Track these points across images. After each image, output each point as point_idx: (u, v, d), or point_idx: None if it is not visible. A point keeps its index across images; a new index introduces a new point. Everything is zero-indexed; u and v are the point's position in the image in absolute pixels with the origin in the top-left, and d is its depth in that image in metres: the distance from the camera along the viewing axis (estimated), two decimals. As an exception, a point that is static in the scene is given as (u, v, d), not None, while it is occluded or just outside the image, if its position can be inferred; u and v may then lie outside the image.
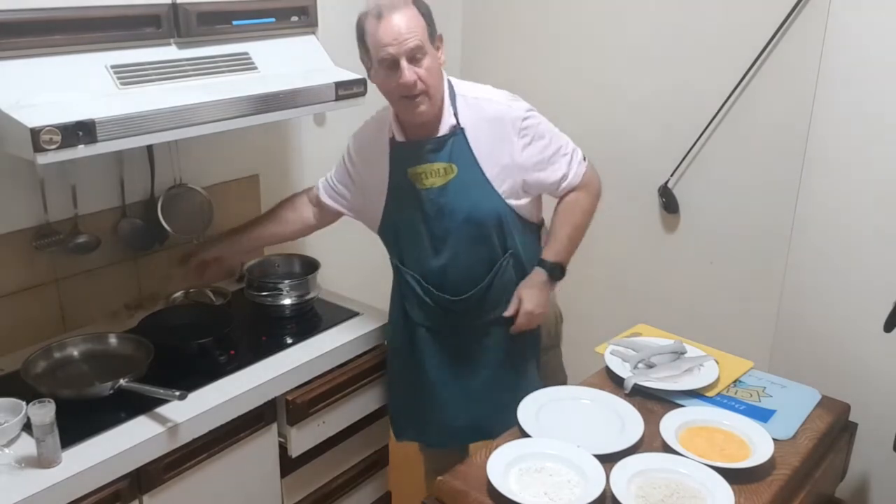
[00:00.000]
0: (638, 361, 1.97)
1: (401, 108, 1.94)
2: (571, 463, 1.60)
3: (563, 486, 1.55)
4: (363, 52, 1.91)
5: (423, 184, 1.97)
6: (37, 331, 2.10)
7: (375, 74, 1.91)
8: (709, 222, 2.72)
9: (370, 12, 1.84)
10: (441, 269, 2.03)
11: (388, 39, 1.81)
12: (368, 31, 1.85)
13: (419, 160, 1.96)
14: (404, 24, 1.81)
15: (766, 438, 1.69)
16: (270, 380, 1.98)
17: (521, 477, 1.57)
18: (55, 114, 1.62)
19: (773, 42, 2.43)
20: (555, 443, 1.66)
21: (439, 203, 1.97)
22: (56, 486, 1.59)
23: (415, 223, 2.01)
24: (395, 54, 1.82)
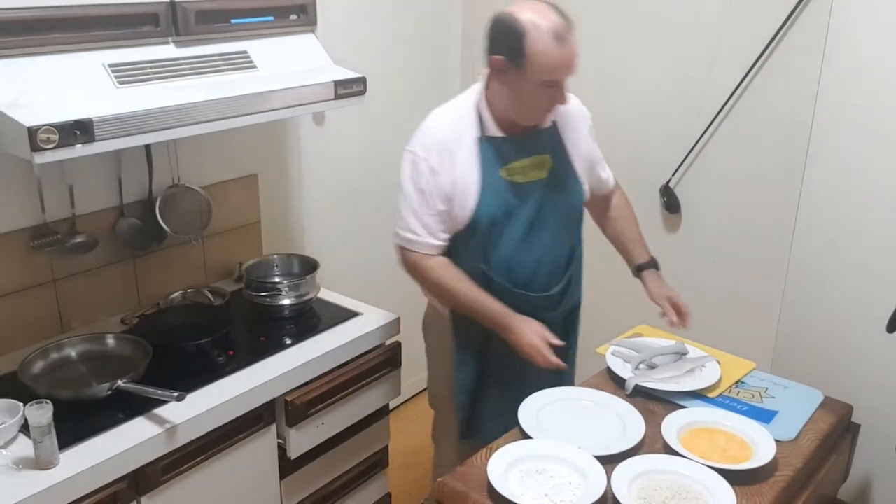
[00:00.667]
0: (639, 362, 1.97)
1: (532, 116, 1.92)
2: (572, 464, 1.59)
3: (564, 487, 1.54)
4: (512, 59, 1.80)
5: (524, 177, 1.94)
6: (34, 331, 2.09)
7: (522, 84, 1.82)
8: (710, 222, 2.72)
9: (543, 29, 1.76)
10: (533, 264, 1.99)
11: (564, 64, 1.80)
12: (541, 49, 1.76)
13: (519, 154, 1.94)
14: (576, 48, 1.82)
15: (769, 439, 1.68)
16: (269, 381, 1.97)
17: (522, 479, 1.57)
18: (52, 113, 1.62)
19: (774, 41, 2.43)
20: (556, 444, 1.65)
21: (541, 196, 1.96)
22: (54, 488, 1.58)
23: (511, 218, 1.94)
24: (563, 79, 1.83)
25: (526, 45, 1.77)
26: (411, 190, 1.92)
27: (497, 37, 1.83)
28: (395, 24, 2.96)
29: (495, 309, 1.92)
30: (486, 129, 1.92)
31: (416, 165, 1.92)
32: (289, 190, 2.70)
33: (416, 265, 1.97)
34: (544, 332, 1.90)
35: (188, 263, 2.42)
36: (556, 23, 1.78)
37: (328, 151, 2.82)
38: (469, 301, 1.94)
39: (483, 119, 1.93)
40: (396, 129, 3.08)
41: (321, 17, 2.26)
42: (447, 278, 1.95)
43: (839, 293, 2.35)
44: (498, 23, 1.82)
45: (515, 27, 1.78)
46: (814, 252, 2.41)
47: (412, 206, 1.93)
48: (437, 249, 1.96)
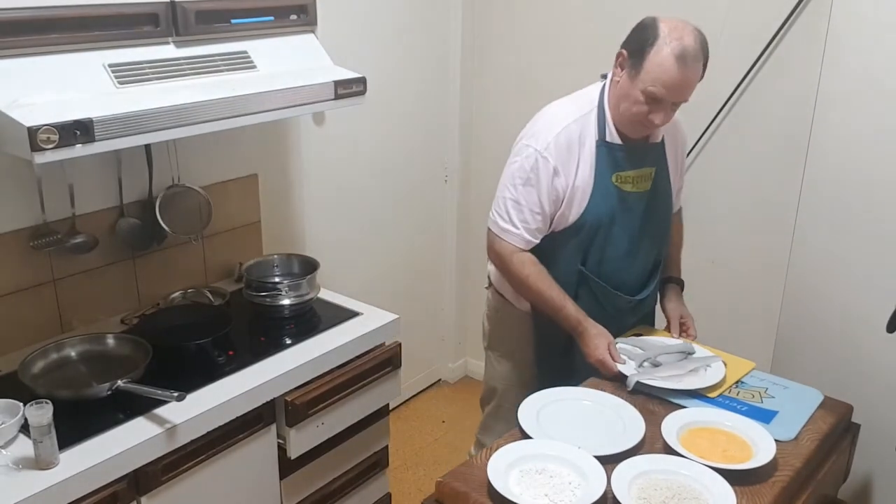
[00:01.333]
0: (643, 360, 1.96)
1: (629, 126, 1.92)
2: (572, 464, 1.59)
3: (565, 487, 1.54)
4: (633, 57, 1.84)
5: (632, 186, 1.98)
6: (34, 331, 2.09)
7: (630, 85, 1.85)
8: (710, 222, 2.72)
9: (672, 43, 1.78)
10: (629, 269, 2.06)
11: (675, 86, 1.80)
12: (661, 61, 1.78)
13: (632, 164, 1.97)
14: (693, 80, 1.81)
15: (768, 440, 1.68)
16: (269, 381, 1.97)
17: (522, 478, 1.56)
18: (53, 113, 1.62)
19: (775, 41, 2.43)
20: (556, 444, 1.65)
21: (644, 206, 2.01)
22: (53, 488, 1.58)
23: (615, 224, 1.99)
24: (668, 98, 1.82)
25: (650, 48, 1.79)
26: (520, 182, 1.94)
27: (633, 34, 1.87)
28: (395, 24, 2.96)
29: (572, 313, 1.97)
30: (606, 133, 1.94)
31: (535, 162, 1.92)
32: (289, 190, 2.70)
33: (504, 256, 2.00)
34: (612, 347, 1.94)
35: (188, 263, 2.42)
36: (689, 45, 1.77)
37: (328, 151, 2.82)
38: (550, 300, 1.98)
39: (606, 121, 1.94)
40: (396, 129, 3.10)
41: (321, 17, 2.26)
42: (533, 275, 1.97)
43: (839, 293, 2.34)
44: (641, 24, 1.86)
45: (651, 30, 1.81)
46: (814, 252, 2.41)
47: (516, 199, 1.95)
48: (529, 245, 1.98)
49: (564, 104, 2.00)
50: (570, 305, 1.98)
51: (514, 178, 1.95)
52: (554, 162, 1.91)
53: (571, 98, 2.02)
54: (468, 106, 3.33)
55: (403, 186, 3.20)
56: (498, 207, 2.00)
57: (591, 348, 1.95)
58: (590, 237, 1.99)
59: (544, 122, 1.97)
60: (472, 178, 3.43)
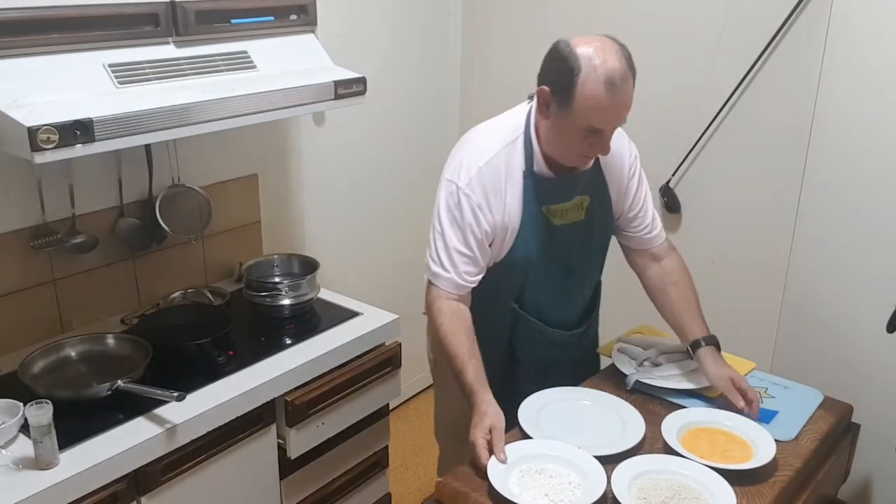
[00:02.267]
0: (644, 359, 1.97)
1: (571, 159, 1.76)
2: (572, 464, 1.59)
3: (564, 487, 1.54)
4: (559, 94, 1.65)
5: (563, 219, 1.84)
6: (34, 331, 2.09)
7: (564, 123, 1.67)
8: (710, 222, 2.72)
9: (597, 71, 1.59)
10: (566, 304, 1.94)
11: (611, 114, 1.64)
12: (589, 92, 1.60)
13: (562, 197, 1.82)
14: (628, 101, 1.64)
15: (769, 440, 1.68)
16: (269, 381, 1.97)
17: (522, 479, 1.57)
18: (53, 113, 1.62)
19: (775, 40, 2.43)
20: (556, 444, 1.65)
21: (578, 238, 1.87)
22: (54, 488, 1.58)
23: (548, 258, 1.85)
24: (608, 128, 1.67)
25: (576, 83, 1.61)
26: (447, 222, 1.77)
27: (549, 66, 1.68)
28: (395, 24, 2.96)
29: (468, 380, 1.74)
30: (533, 163, 1.77)
31: (458, 200, 1.75)
32: (289, 190, 2.70)
33: (432, 303, 1.81)
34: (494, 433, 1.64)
35: (188, 263, 2.42)
36: (614, 68, 1.59)
37: (328, 151, 2.82)
38: (452, 358, 1.77)
39: (533, 151, 1.77)
40: (396, 129, 3.09)
41: (321, 17, 2.26)
42: (445, 326, 1.78)
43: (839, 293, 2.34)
44: (554, 52, 1.67)
45: (570, 62, 1.61)
46: (814, 252, 2.41)
47: (444, 240, 1.78)
48: (461, 290, 1.80)
49: (487, 132, 1.83)
50: (471, 370, 1.74)
51: (440, 217, 1.78)
52: (477, 199, 1.74)
53: (494, 124, 1.84)
54: (468, 106, 3.33)
55: (403, 186, 3.20)
56: (430, 251, 1.82)
57: (473, 423, 1.67)
58: (521, 274, 1.85)
59: (466, 153, 1.79)
60: (472, 178, 3.43)
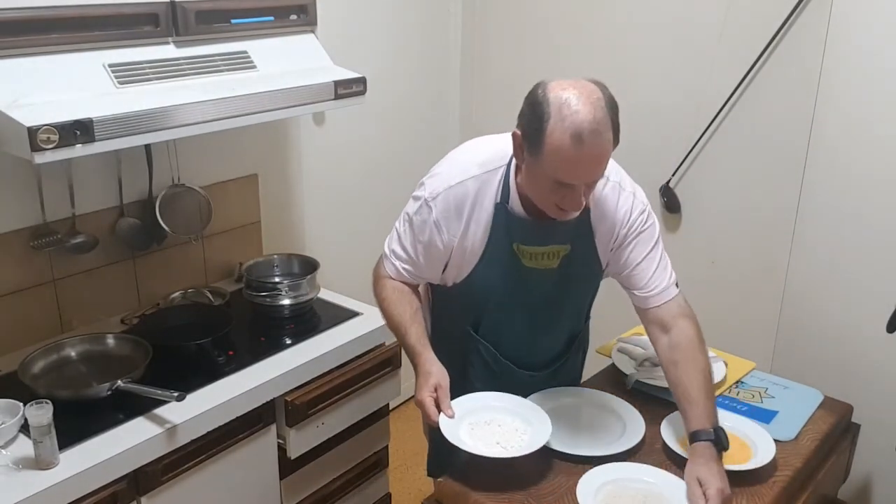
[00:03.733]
0: (644, 359, 1.96)
1: (547, 208, 1.60)
2: (517, 413, 1.69)
3: (513, 434, 1.63)
4: (529, 139, 1.51)
5: (533, 262, 1.72)
6: (34, 331, 2.09)
7: (536, 172, 1.54)
8: (710, 222, 2.72)
9: (565, 121, 1.44)
10: (528, 345, 1.83)
11: (578, 169, 1.49)
12: (557, 145, 1.46)
13: (535, 241, 1.70)
14: (600, 154, 1.49)
15: (768, 440, 1.68)
16: (269, 381, 1.97)
17: (473, 430, 1.64)
18: (53, 113, 1.62)
19: (775, 41, 2.42)
20: (499, 395, 1.74)
21: (550, 285, 1.75)
22: (54, 488, 1.58)
23: (511, 295, 1.75)
24: (577, 182, 1.52)
25: (544, 131, 1.47)
26: (406, 220, 1.75)
27: (524, 109, 1.54)
28: (395, 24, 2.96)
29: (411, 341, 1.72)
30: (508, 199, 1.67)
31: (420, 207, 1.70)
32: (289, 190, 2.70)
33: (378, 278, 1.83)
34: (440, 392, 1.64)
35: (188, 263, 2.42)
36: (585, 119, 1.44)
37: (328, 151, 2.82)
38: (397, 326, 1.76)
39: (510, 188, 1.67)
40: (396, 129, 3.09)
41: (321, 17, 2.26)
42: (388, 298, 1.78)
43: (839, 293, 2.34)
44: (531, 94, 1.53)
45: (542, 107, 1.48)
46: (813, 252, 2.41)
47: (399, 231, 1.77)
48: (397, 277, 1.79)
49: (473, 153, 1.74)
50: (414, 332, 1.72)
51: (406, 213, 1.76)
52: (436, 215, 1.67)
53: (487, 146, 1.74)
54: (468, 106, 3.32)
55: (403, 186, 3.18)
56: (391, 233, 1.81)
57: (419, 384, 1.66)
58: (479, 303, 1.77)
59: (445, 167, 1.74)
60: (472, 178, 3.43)
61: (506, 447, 1.59)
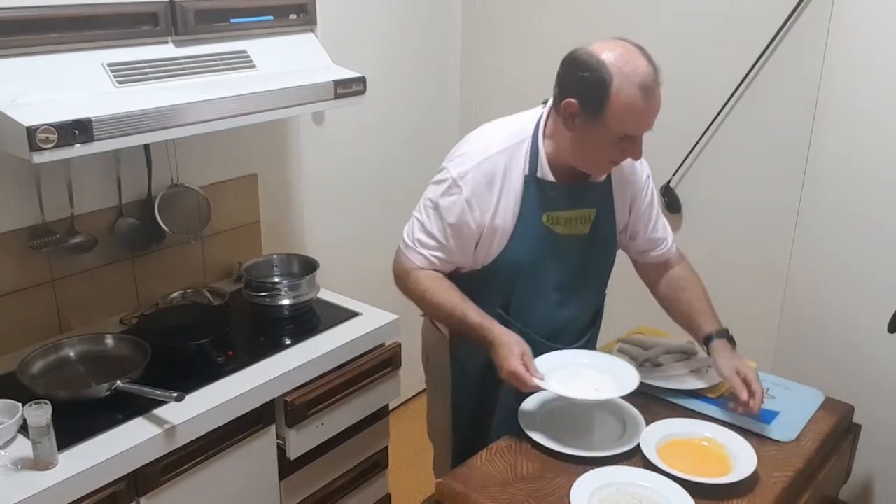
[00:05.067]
0: (644, 360, 1.96)
1: (597, 168, 1.74)
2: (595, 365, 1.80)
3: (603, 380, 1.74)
4: (589, 106, 1.60)
5: (565, 228, 1.77)
6: (33, 331, 2.08)
7: (595, 133, 1.63)
8: (711, 222, 2.71)
9: (631, 79, 1.55)
10: (560, 319, 1.86)
11: (647, 119, 1.61)
12: (626, 101, 1.56)
13: (566, 205, 1.75)
14: (660, 104, 1.62)
15: (750, 453, 1.63)
16: (269, 381, 1.97)
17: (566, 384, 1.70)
18: (51, 112, 1.62)
19: (776, 40, 2.42)
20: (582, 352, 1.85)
21: (580, 252, 1.82)
22: (52, 489, 1.58)
23: (543, 268, 1.78)
24: (641, 133, 1.65)
25: (609, 93, 1.56)
26: (431, 207, 1.76)
27: (575, 79, 1.61)
28: (394, 23, 2.95)
29: (475, 321, 1.73)
30: (537, 168, 1.72)
31: (449, 190, 1.72)
32: (289, 190, 2.69)
33: (402, 275, 1.82)
34: (526, 358, 1.67)
35: (187, 263, 2.41)
36: (647, 73, 1.57)
37: (328, 151, 2.81)
38: (451, 311, 1.76)
39: (538, 156, 1.72)
40: (396, 129, 3.09)
41: (321, 16, 2.26)
42: (430, 289, 1.77)
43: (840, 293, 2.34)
44: (577, 63, 1.60)
45: (600, 72, 1.56)
46: (815, 252, 2.41)
47: (423, 222, 1.77)
48: (431, 267, 1.79)
49: (495, 130, 1.79)
50: (473, 312, 1.73)
51: (427, 199, 1.77)
52: (468, 193, 1.70)
53: (503, 123, 1.80)
54: (468, 106, 3.32)
55: (403, 186, 3.19)
56: (410, 224, 1.82)
57: (500, 359, 1.67)
58: (510, 280, 1.79)
59: (469, 146, 1.76)
60: (472, 177, 3.42)
61: (600, 391, 1.70)
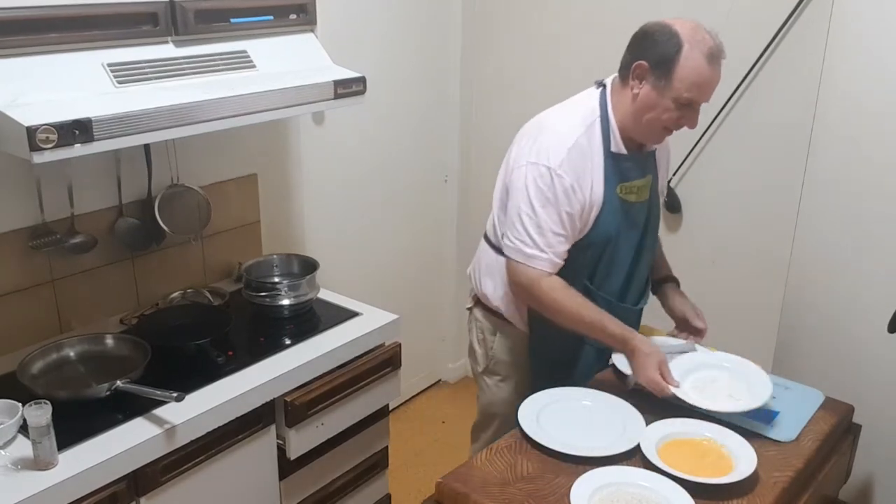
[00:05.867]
0: None
1: (651, 134, 1.87)
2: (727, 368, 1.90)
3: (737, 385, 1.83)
4: (659, 68, 1.76)
5: (636, 196, 1.94)
6: (33, 331, 2.08)
7: (656, 95, 1.78)
8: (711, 222, 2.71)
9: (699, 46, 1.73)
10: (633, 280, 2.03)
11: (710, 87, 1.78)
12: (693, 64, 1.73)
13: (637, 174, 1.93)
14: (719, 79, 1.79)
15: (749, 452, 1.64)
16: (269, 381, 1.97)
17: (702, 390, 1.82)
18: (52, 112, 1.61)
19: (776, 40, 2.42)
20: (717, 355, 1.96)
21: (645, 216, 2.00)
22: (52, 489, 1.58)
23: (623, 236, 1.94)
24: (701, 101, 1.79)
25: (679, 57, 1.73)
26: (539, 204, 1.83)
27: (648, 44, 1.79)
28: (395, 23, 2.95)
29: (616, 332, 1.86)
30: (612, 144, 1.87)
31: (551, 181, 1.82)
32: (289, 190, 2.69)
33: (532, 283, 1.88)
34: (662, 367, 1.82)
35: (187, 263, 2.41)
36: (714, 44, 1.75)
37: (328, 151, 2.81)
38: (590, 321, 1.86)
39: (611, 131, 1.87)
40: (396, 129, 3.09)
41: (321, 16, 2.25)
42: (566, 298, 1.86)
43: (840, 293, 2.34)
44: (651, 31, 1.79)
45: (673, 38, 1.74)
46: (815, 252, 2.41)
47: (537, 223, 1.84)
48: (556, 268, 1.88)
49: (565, 116, 1.91)
50: (611, 323, 1.87)
51: (529, 200, 1.84)
52: (570, 179, 1.82)
53: (568, 108, 1.93)
54: (468, 106, 3.32)
55: (403, 186, 3.20)
56: (518, 234, 1.87)
57: (639, 366, 1.83)
58: (598, 253, 1.94)
59: (551, 137, 1.86)
60: (471, 178, 3.42)
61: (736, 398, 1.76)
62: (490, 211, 2.06)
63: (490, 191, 2.06)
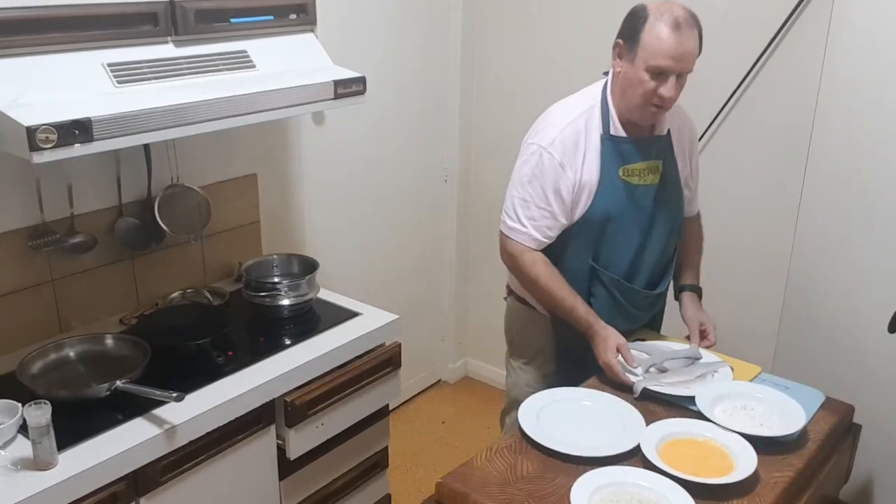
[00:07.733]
0: (650, 365, 1.95)
1: (639, 111, 1.92)
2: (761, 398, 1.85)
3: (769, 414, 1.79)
4: (629, 41, 1.87)
5: (639, 179, 1.99)
6: (33, 331, 2.08)
7: (632, 69, 1.87)
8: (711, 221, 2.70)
9: (663, 17, 1.82)
10: (641, 264, 2.06)
11: (675, 54, 1.82)
12: (656, 33, 1.82)
13: (637, 157, 1.97)
14: (692, 46, 1.84)
15: (750, 452, 1.63)
16: (269, 381, 1.97)
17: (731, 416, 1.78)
18: (51, 112, 1.61)
19: (776, 41, 2.42)
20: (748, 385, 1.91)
21: (653, 201, 2.02)
22: (52, 489, 1.57)
23: (626, 220, 2.00)
24: (671, 70, 1.83)
25: (642, 28, 1.83)
26: (526, 180, 1.95)
27: (624, 22, 1.90)
28: (395, 23, 2.95)
29: (582, 315, 1.97)
30: (610, 127, 1.95)
31: (541, 158, 1.93)
32: (289, 190, 2.69)
33: (515, 256, 2.00)
34: (622, 350, 1.93)
35: (187, 263, 2.41)
36: (679, 15, 1.81)
37: (328, 151, 2.81)
38: (561, 301, 1.98)
39: (609, 115, 1.95)
40: (396, 129, 3.09)
41: (321, 16, 2.25)
42: (543, 275, 1.98)
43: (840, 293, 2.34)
44: (630, 11, 1.90)
45: (641, 12, 1.85)
46: (815, 252, 2.41)
47: (523, 197, 1.96)
48: (539, 244, 1.98)
49: (568, 102, 2.02)
50: (581, 306, 1.98)
51: (521, 176, 1.97)
52: (559, 157, 1.92)
53: (574, 97, 2.03)
54: (468, 106, 3.32)
55: (403, 186, 3.20)
56: (506, 207, 2.01)
57: (600, 350, 1.94)
58: (598, 233, 1.99)
59: (550, 119, 1.98)
60: (471, 178, 3.42)
61: (767, 427, 1.73)
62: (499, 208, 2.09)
63: (490, 190, 2.07)
